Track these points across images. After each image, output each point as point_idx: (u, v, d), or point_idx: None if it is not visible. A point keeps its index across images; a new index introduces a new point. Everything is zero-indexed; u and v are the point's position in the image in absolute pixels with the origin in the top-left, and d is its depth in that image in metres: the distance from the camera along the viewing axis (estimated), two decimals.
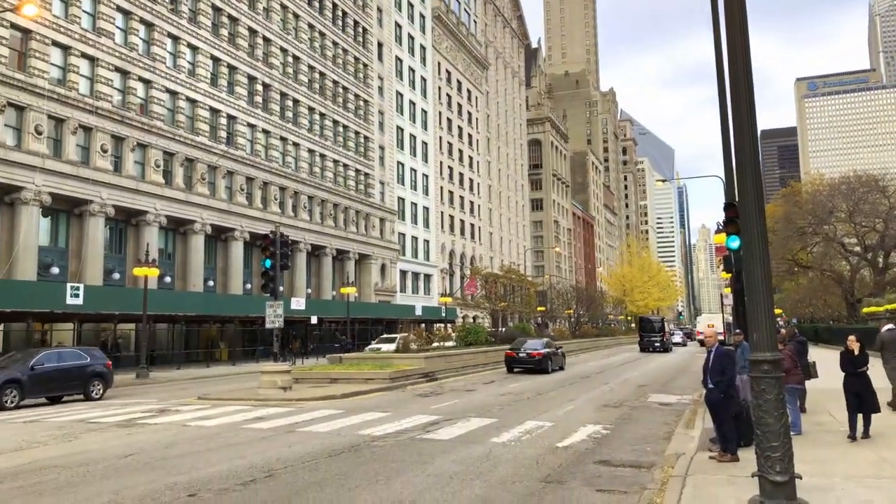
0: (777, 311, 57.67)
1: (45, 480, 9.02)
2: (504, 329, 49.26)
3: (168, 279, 43.23)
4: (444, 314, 63.73)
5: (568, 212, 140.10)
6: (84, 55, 38.18)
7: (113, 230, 40.73)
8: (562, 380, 26.25)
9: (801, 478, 6.24)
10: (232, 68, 50.10)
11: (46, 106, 35.48)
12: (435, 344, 35.61)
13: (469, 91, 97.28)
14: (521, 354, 30.40)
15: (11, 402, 19.01)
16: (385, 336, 43.23)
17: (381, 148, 71.11)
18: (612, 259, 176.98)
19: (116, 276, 40.05)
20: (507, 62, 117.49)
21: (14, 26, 34.41)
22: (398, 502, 7.88)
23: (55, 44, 36.56)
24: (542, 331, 56.42)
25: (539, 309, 76.93)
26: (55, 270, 36.41)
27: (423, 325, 61.61)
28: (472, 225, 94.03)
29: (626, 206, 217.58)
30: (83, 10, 38.38)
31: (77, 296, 31.42)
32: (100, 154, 38.44)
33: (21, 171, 33.85)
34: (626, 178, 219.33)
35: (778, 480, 6.09)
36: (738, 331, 12.53)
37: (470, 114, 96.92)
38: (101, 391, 21.96)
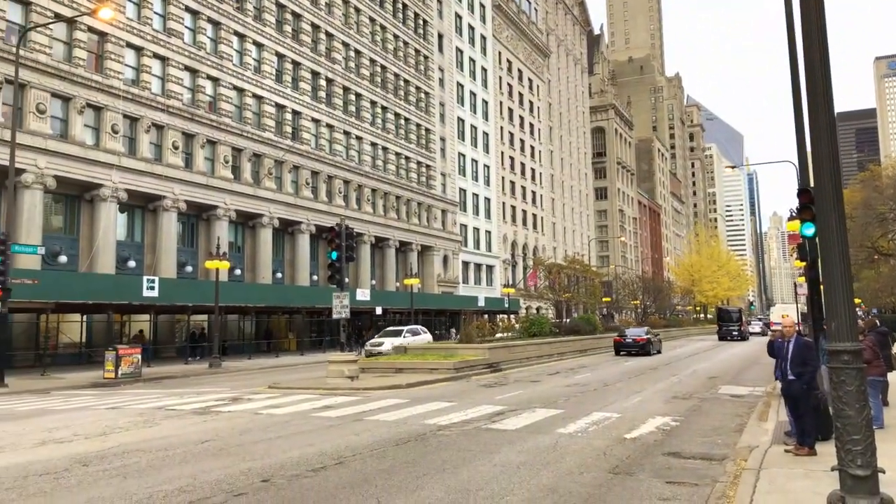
0: (856, 300, 55.43)
1: (128, 464, 9.44)
2: (568, 320, 48.83)
3: (238, 271, 44.49)
4: (506, 305, 63.63)
5: (633, 200, 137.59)
6: (156, 55, 39.52)
7: (185, 224, 42.14)
8: (629, 371, 25.89)
9: (884, 472, 5.99)
10: (296, 64, 51.02)
11: (122, 106, 36.90)
12: (498, 335, 35.59)
13: (530, 80, 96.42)
14: (627, 340, 37.40)
15: None
16: (390, 329, 39.65)
17: (443, 139, 71.28)
18: (679, 248, 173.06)
19: (189, 268, 41.44)
20: (569, 49, 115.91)
21: (91, 30, 35.87)
22: (466, 490, 7.93)
23: (129, 45, 37.95)
24: (608, 321, 55.72)
25: (604, 300, 75.98)
26: (132, 264, 37.92)
27: (485, 316, 61.61)
28: (535, 215, 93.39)
29: (694, 193, 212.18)
30: (154, 12, 39.70)
31: (153, 288, 32.66)
32: (171, 151, 39.78)
33: (99, 169, 35.34)
34: (693, 165, 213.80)
35: (859, 475, 5.86)
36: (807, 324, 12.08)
37: (531, 103, 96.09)
38: None
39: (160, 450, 10.44)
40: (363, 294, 47.96)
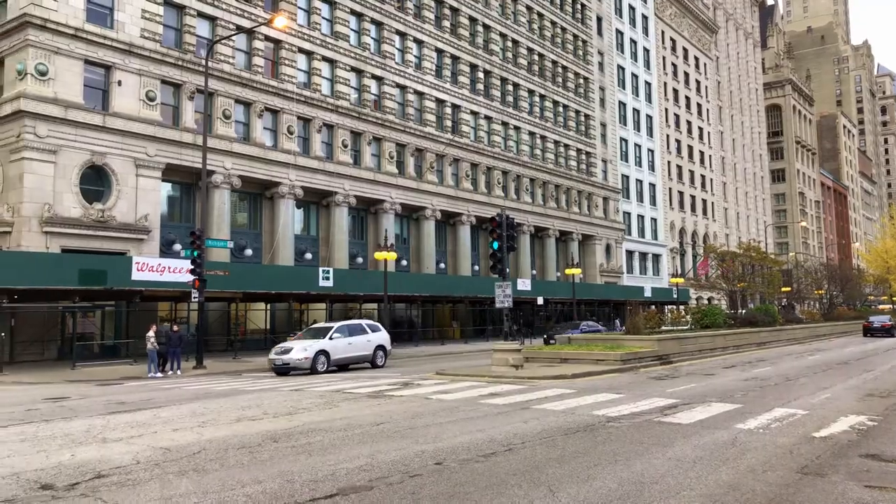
0: None
1: (312, 442, 10.09)
2: (744, 311, 46.00)
3: (404, 262, 46.15)
4: (675, 296, 61.02)
5: (815, 182, 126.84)
6: (325, 58, 41.80)
7: (355, 218, 44.32)
8: (813, 366, 23.92)
9: None
10: (455, 58, 51.89)
11: (296, 108, 39.42)
12: (666, 326, 34.25)
13: (696, 58, 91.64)
14: (875, 325, 46.84)
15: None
16: (315, 327, 27.28)
17: (603, 125, 69.58)
18: (871, 233, 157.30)
19: (360, 260, 43.57)
20: (739, 23, 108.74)
21: (267, 38, 38.58)
22: (639, 483, 7.69)
23: (301, 50, 40.41)
24: (788, 312, 51.94)
25: (783, 289, 70.69)
26: (308, 256, 40.48)
27: (652, 307, 59.54)
28: (705, 200, 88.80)
29: (888, 172, 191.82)
30: (322, 17, 41.97)
31: (328, 278, 34.70)
32: (341, 149, 41.94)
33: (278, 169, 38.01)
34: (886, 142, 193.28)
35: None
36: None
37: (698, 82, 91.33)
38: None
39: (340, 430, 11.05)
40: (524, 284, 48.03)
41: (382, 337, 26.87)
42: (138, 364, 26.79)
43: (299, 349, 23.45)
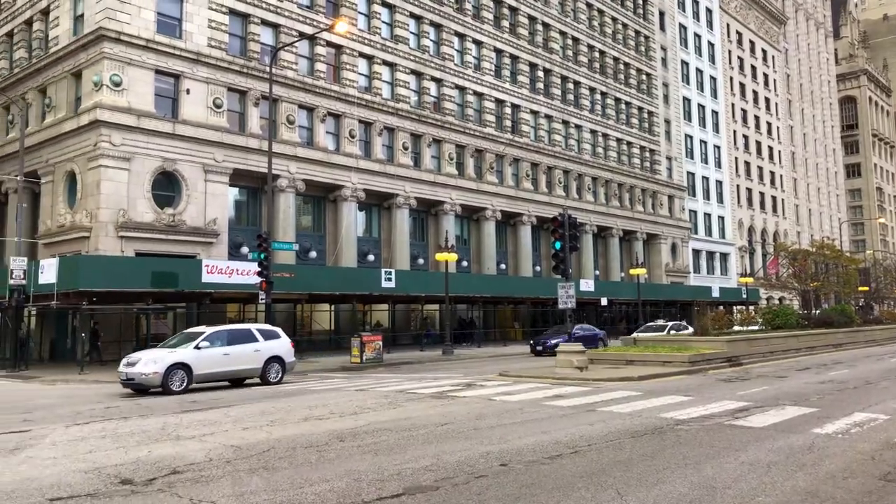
0: None
1: (378, 441, 10.19)
2: (818, 311, 44.31)
3: (465, 263, 46.21)
4: (744, 296, 59.26)
5: (894, 176, 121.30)
6: (385, 62, 42.21)
7: (415, 220, 44.60)
8: (894, 369, 22.86)
9: None
10: (514, 58, 51.68)
11: (357, 112, 39.94)
12: (736, 327, 33.27)
13: (764, 51, 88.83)
14: None
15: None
16: (189, 331, 21.32)
17: (667, 122, 68.17)
18: None
19: (420, 261, 43.84)
20: (809, 13, 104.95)
21: (329, 44, 39.21)
22: (711, 488, 7.48)
23: (361, 55, 40.92)
24: (866, 313, 49.79)
25: (861, 289, 67.76)
26: (370, 258, 40.95)
27: (720, 308, 57.99)
28: (774, 197, 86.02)
29: None
30: (382, 21, 42.40)
31: (390, 279, 35.05)
32: (401, 152, 42.28)
33: (340, 172, 38.59)
34: None
35: None
36: None
37: (766, 76, 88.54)
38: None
39: (404, 430, 11.12)
40: (587, 284, 47.45)
41: (280, 346, 20.98)
42: None
43: (147, 361, 18.17)
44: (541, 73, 53.97)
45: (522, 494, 7.25)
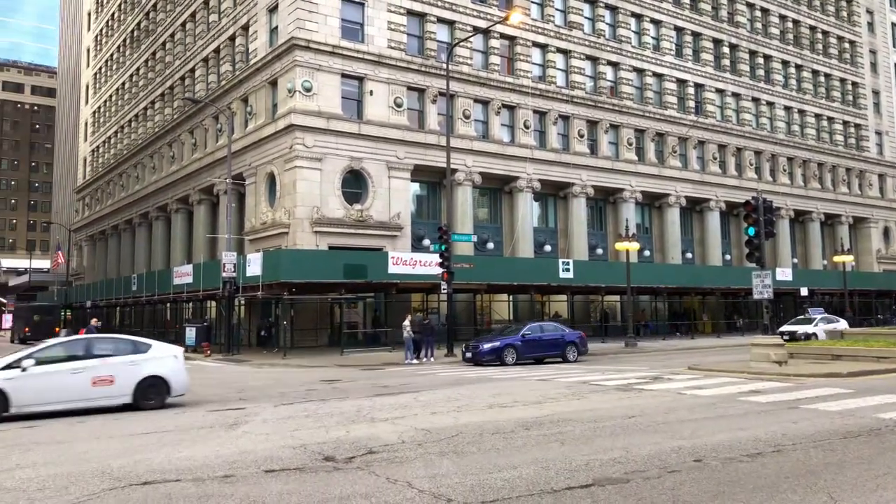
0: None
1: (563, 431, 10.10)
2: None
3: (647, 252, 44.63)
4: None
5: None
6: (559, 50, 41.70)
7: (593, 208, 43.71)
8: None
9: None
10: (696, 35, 48.99)
11: (531, 102, 39.83)
12: None
13: None
14: None
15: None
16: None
17: (875, 93, 61.37)
18: None
19: (599, 251, 42.93)
20: None
21: (502, 36, 39.40)
22: None
23: (535, 45, 40.72)
24: None
25: None
26: (547, 248, 40.74)
27: None
28: None
29: None
30: (555, 9, 41.90)
31: (568, 270, 34.68)
32: (577, 139, 41.60)
33: (515, 163, 38.73)
34: None
35: None
36: None
37: None
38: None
39: (590, 421, 10.94)
40: (784, 273, 44.01)
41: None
42: (396, 351, 28.89)
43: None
44: (726, 49, 50.64)
45: (721, 493, 6.85)
